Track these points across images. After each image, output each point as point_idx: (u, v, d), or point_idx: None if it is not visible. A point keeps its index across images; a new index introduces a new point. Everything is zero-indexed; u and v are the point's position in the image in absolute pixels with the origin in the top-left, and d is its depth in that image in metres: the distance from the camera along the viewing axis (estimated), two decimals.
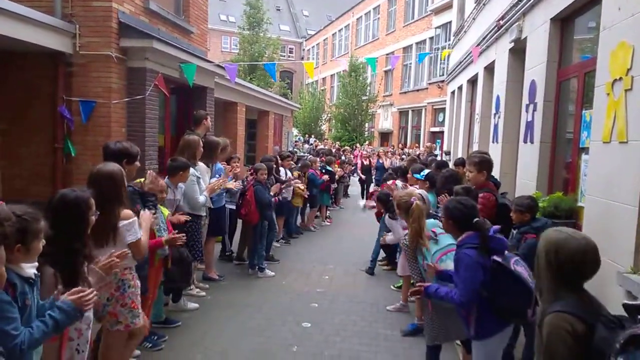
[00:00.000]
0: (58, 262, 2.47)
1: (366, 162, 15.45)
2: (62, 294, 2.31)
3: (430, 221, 3.95)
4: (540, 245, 2.13)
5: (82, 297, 2.25)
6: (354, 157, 17.08)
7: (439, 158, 13.24)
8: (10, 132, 6.53)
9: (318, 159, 10.79)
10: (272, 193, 6.90)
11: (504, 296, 2.89)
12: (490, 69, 9.43)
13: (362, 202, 11.68)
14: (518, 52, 7.33)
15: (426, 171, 6.12)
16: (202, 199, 5.14)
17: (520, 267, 2.96)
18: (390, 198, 5.59)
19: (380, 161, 15.19)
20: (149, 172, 4.25)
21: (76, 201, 2.61)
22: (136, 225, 3.15)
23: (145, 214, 3.45)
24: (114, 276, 3.12)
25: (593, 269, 2.04)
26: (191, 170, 5.04)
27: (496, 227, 3.16)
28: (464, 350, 3.73)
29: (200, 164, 5.59)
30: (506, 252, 3.09)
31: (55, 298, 2.29)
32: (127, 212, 3.13)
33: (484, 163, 4.58)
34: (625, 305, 1.61)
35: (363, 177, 15.17)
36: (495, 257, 2.95)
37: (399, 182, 7.02)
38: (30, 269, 2.16)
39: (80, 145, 6.45)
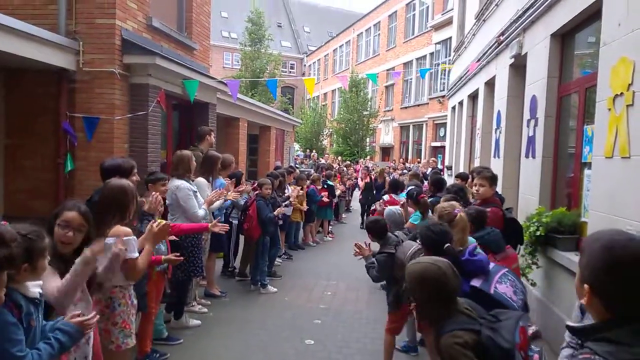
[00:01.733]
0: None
1: (366, 180, 13.68)
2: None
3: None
4: (407, 281, 2.38)
5: (84, 320, 2.27)
6: (355, 172, 17.08)
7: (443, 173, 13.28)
8: (14, 147, 6.55)
9: (320, 176, 10.76)
10: (276, 214, 6.84)
11: None
12: (490, 84, 9.48)
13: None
14: (518, 67, 7.37)
15: (408, 188, 6.08)
16: (201, 212, 5.11)
17: (504, 286, 2.92)
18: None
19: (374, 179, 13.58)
20: (153, 194, 4.26)
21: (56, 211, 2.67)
22: (132, 243, 3.08)
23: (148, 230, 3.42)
24: (102, 295, 3.11)
25: (457, 284, 2.30)
26: (187, 184, 5.03)
27: (472, 246, 3.14)
28: None
29: (200, 179, 5.60)
30: (492, 266, 3.06)
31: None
32: (124, 229, 3.07)
33: (494, 178, 4.64)
34: (568, 327, 1.56)
35: (360, 197, 13.44)
36: (473, 282, 2.91)
37: (385, 197, 6.90)
38: (34, 287, 2.15)
39: (83, 161, 6.47)
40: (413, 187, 6.09)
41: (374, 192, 12.64)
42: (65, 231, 2.58)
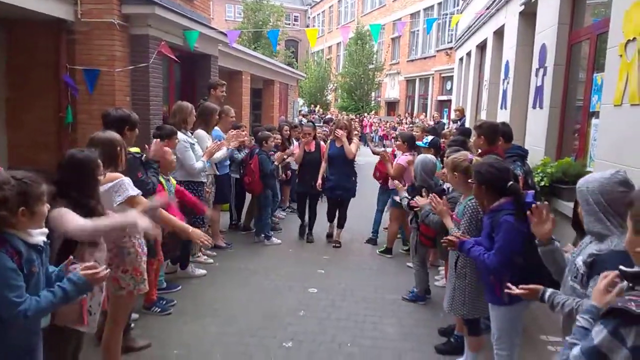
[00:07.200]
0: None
1: (310, 148, 6.88)
2: (71, 264, 2.31)
3: None
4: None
5: (94, 273, 2.22)
6: (363, 128, 16.89)
7: (446, 128, 13.11)
8: (15, 100, 6.50)
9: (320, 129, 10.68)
10: (275, 163, 6.84)
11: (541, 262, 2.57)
12: (499, 34, 9.23)
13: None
14: (528, 15, 7.15)
15: (430, 138, 6.02)
16: (199, 164, 5.07)
17: None
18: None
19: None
20: (154, 140, 4.22)
21: (85, 160, 2.65)
22: (125, 184, 3.09)
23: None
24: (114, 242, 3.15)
25: None
26: (184, 136, 4.98)
27: (531, 191, 2.97)
28: (467, 330, 3.50)
29: (200, 131, 5.55)
30: None
31: (65, 268, 2.28)
32: (111, 174, 3.06)
33: (483, 128, 4.27)
34: (621, 271, 1.55)
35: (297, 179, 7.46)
36: None
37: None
38: (39, 236, 2.14)
39: (85, 114, 6.43)
40: (435, 137, 6.06)
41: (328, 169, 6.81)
42: None
